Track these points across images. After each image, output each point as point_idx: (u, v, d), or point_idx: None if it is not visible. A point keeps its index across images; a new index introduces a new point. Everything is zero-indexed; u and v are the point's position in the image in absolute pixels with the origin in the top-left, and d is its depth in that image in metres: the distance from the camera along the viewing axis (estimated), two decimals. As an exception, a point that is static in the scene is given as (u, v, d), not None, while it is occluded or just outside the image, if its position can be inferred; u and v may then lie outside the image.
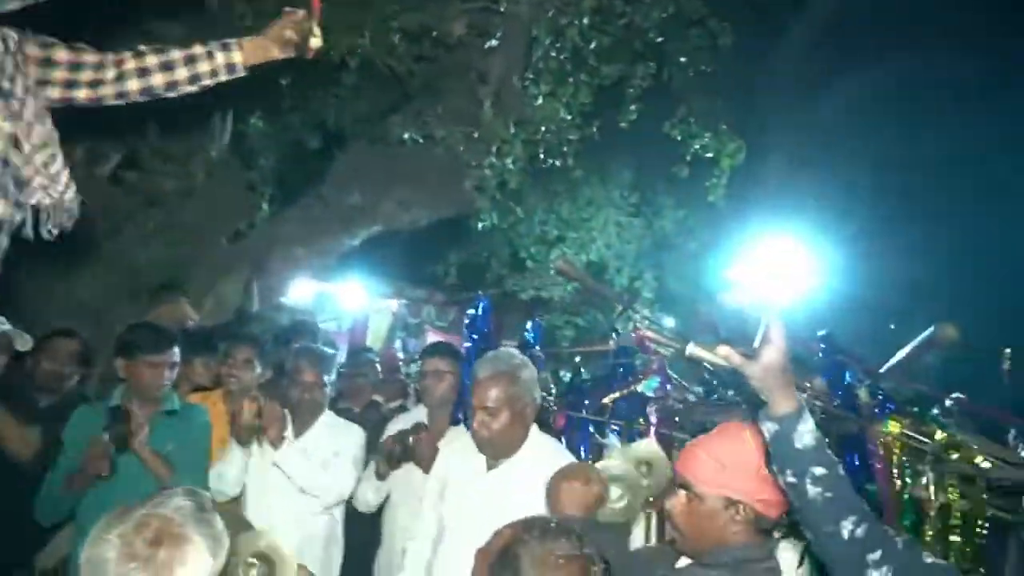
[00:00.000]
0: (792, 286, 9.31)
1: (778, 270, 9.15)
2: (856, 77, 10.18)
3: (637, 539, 2.42)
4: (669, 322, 11.31)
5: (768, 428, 1.44)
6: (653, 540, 2.46)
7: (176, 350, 2.87)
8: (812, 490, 1.39)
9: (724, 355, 1.44)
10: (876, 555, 1.37)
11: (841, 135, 10.42)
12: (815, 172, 10.65)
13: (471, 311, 3.31)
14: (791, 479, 1.42)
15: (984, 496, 2.03)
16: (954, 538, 2.11)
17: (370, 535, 3.09)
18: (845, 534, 1.38)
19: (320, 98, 4.71)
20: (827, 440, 2.46)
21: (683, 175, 7.18)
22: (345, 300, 10.24)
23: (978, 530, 2.08)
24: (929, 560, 1.42)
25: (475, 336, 3.11)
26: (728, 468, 1.63)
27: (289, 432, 2.86)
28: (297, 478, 2.78)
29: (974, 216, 10.94)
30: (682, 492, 1.69)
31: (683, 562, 1.76)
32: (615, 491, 2.11)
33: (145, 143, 4.29)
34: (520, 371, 2.35)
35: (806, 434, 1.40)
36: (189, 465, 2.80)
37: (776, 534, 1.71)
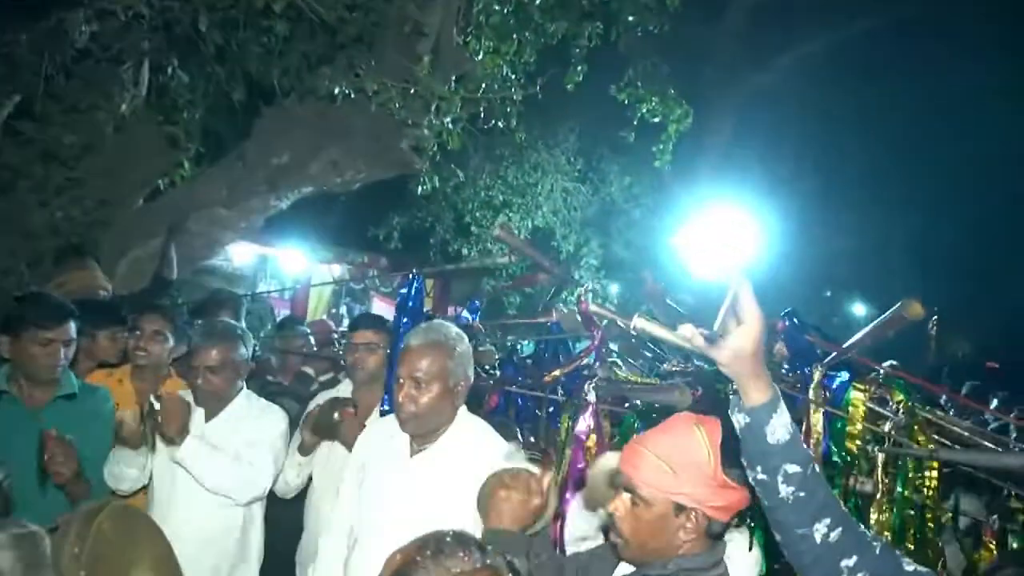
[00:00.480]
0: (737, 253, 9.40)
1: (724, 237, 9.22)
2: (803, 44, 10.20)
3: None
4: (614, 288, 11.36)
5: (739, 419, 1.30)
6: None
7: (71, 325, 2.53)
8: (784, 489, 1.26)
9: (688, 337, 1.27)
10: (851, 561, 1.27)
11: (788, 102, 10.46)
12: (761, 139, 10.70)
13: (403, 290, 3.10)
14: (761, 476, 1.29)
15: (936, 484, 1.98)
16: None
17: (295, 517, 2.85)
18: (818, 537, 1.27)
19: (246, 47, 4.35)
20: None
21: (630, 140, 7.07)
22: (287, 265, 9.90)
23: (931, 525, 2.03)
24: (910, 568, 1.30)
25: (406, 319, 2.89)
26: (679, 472, 1.47)
27: (199, 417, 2.58)
28: (204, 478, 2.47)
29: (911, 187, 11.18)
30: (626, 495, 1.53)
31: (624, 569, 1.62)
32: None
33: (44, 90, 3.87)
34: (456, 344, 2.15)
35: (779, 428, 1.26)
36: (90, 460, 2.51)
37: (726, 535, 1.57)
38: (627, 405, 2.78)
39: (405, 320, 2.90)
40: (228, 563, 2.54)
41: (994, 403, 5.29)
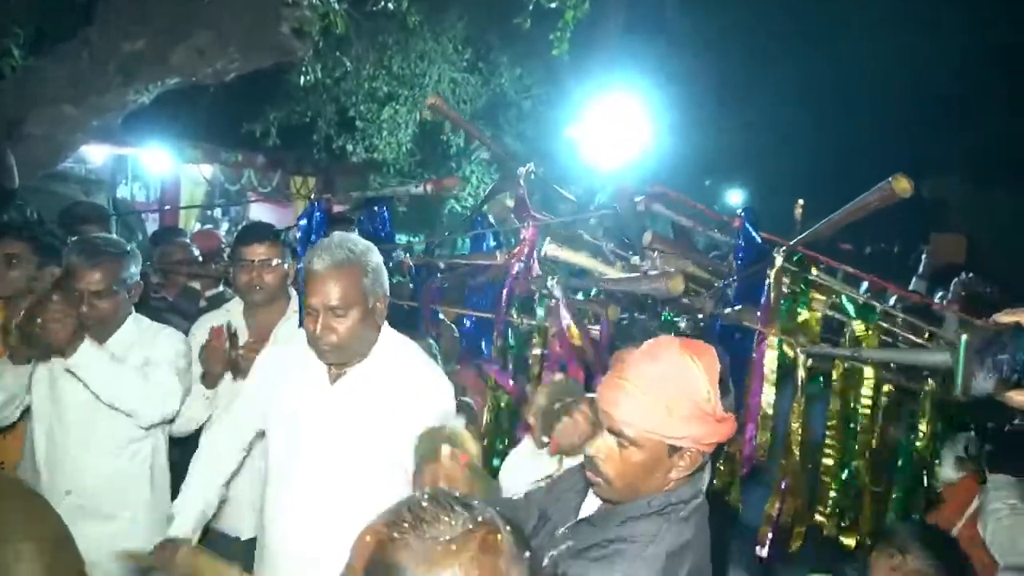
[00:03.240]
0: (627, 143, 9.44)
1: (615, 127, 9.20)
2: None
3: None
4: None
5: None
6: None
7: None
8: None
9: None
10: None
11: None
12: (654, 27, 10.55)
13: (303, 221, 2.77)
14: None
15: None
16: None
17: None
18: None
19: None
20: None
21: (524, 27, 6.70)
22: (150, 166, 8.99)
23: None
24: None
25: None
26: (674, 411, 1.32)
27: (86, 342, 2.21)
28: (102, 389, 2.13)
29: (796, 69, 11.44)
30: (611, 437, 1.38)
31: (593, 501, 1.49)
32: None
33: None
34: (367, 259, 1.92)
35: None
36: None
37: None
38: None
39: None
40: (138, 508, 2.30)
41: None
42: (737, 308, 2.39)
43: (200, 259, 3.90)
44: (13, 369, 2.21)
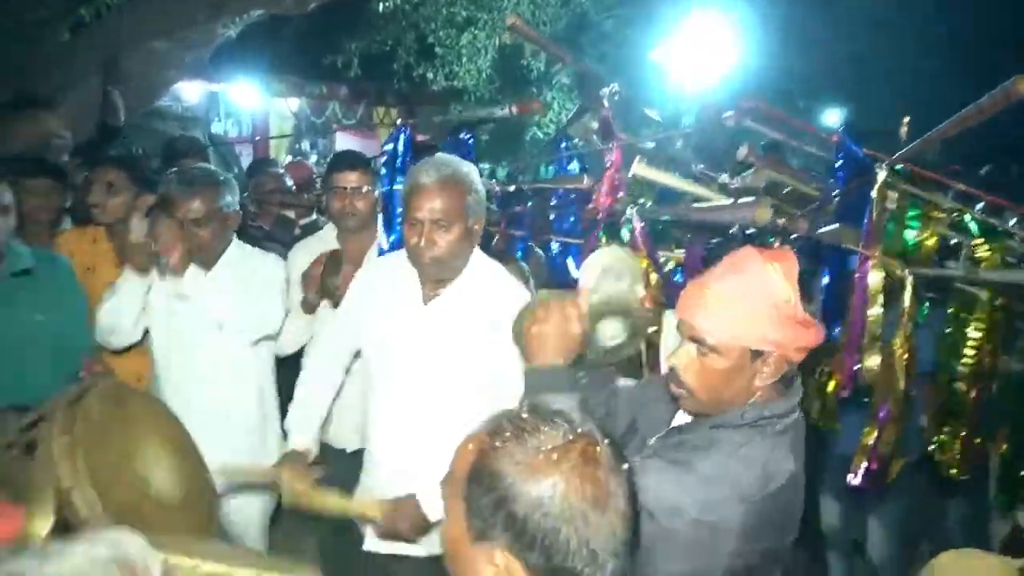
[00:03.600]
0: (714, 65, 8.97)
1: (702, 48, 8.74)
2: None
3: None
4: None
5: None
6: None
7: (6, 192, 2.20)
8: None
9: None
10: None
11: None
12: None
13: (388, 145, 2.77)
14: None
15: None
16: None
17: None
18: None
19: None
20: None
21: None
22: (240, 101, 9.26)
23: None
24: None
25: (398, 175, 2.62)
26: (754, 315, 1.30)
27: (196, 272, 2.35)
28: (212, 307, 2.29)
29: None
30: (691, 345, 1.36)
31: (685, 416, 1.48)
32: (610, 325, 1.72)
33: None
34: (472, 179, 1.95)
35: None
36: (67, 334, 2.32)
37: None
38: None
39: (397, 179, 2.65)
40: (248, 428, 2.43)
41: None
42: (835, 227, 2.28)
43: (293, 189, 4.01)
44: (134, 284, 2.32)
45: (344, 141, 9.87)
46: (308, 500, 1.84)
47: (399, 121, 2.83)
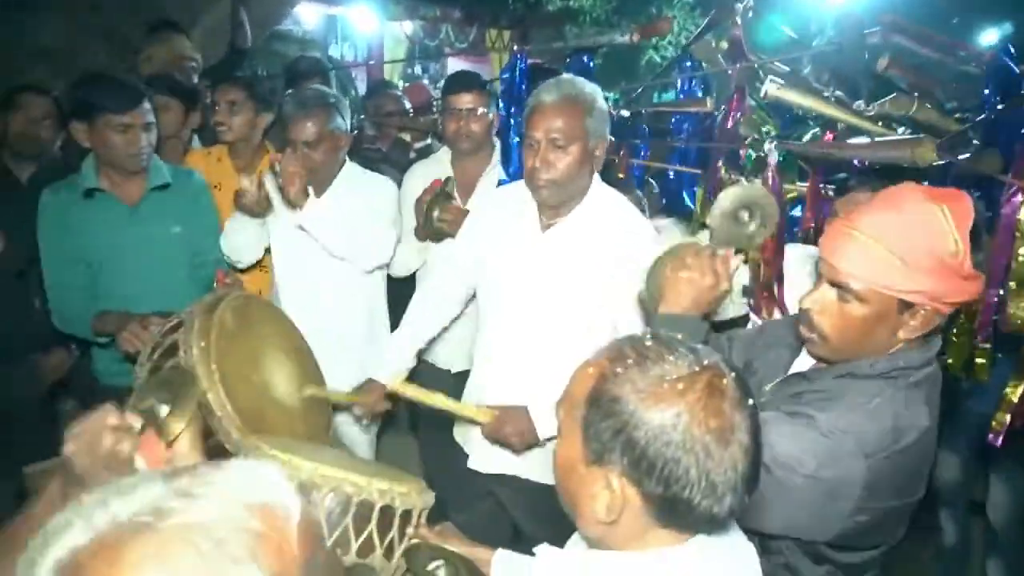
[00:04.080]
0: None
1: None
2: None
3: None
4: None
5: None
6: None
7: (146, 106, 2.32)
8: None
9: None
10: None
11: None
12: None
13: (505, 74, 2.70)
14: None
15: None
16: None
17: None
18: None
19: None
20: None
21: None
22: (357, 25, 9.36)
23: None
24: None
25: (513, 106, 2.55)
26: (913, 266, 1.16)
27: (310, 196, 2.42)
28: (328, 242, 2.38)
29: None
30: (830, 289, 1.25)
31: (808, 360, 1.39)
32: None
33: None
34: (595, 100, 1.87)
35: None
36: (199, 247, 2.47)
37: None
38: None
39: (513, 109, 2.60)
40: (359, 343, 2.52)
41: None
42: (976, 154, 2.03)
43: (411, 112, 4.03)
44: (246, 223, 2.44)
45: (456, 65, 9.84)
46: (417, 394, 1.87)
47: (514, 47, 2.74)
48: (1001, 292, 1.94)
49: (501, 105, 2.73)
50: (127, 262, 2.35)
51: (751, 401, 0.91)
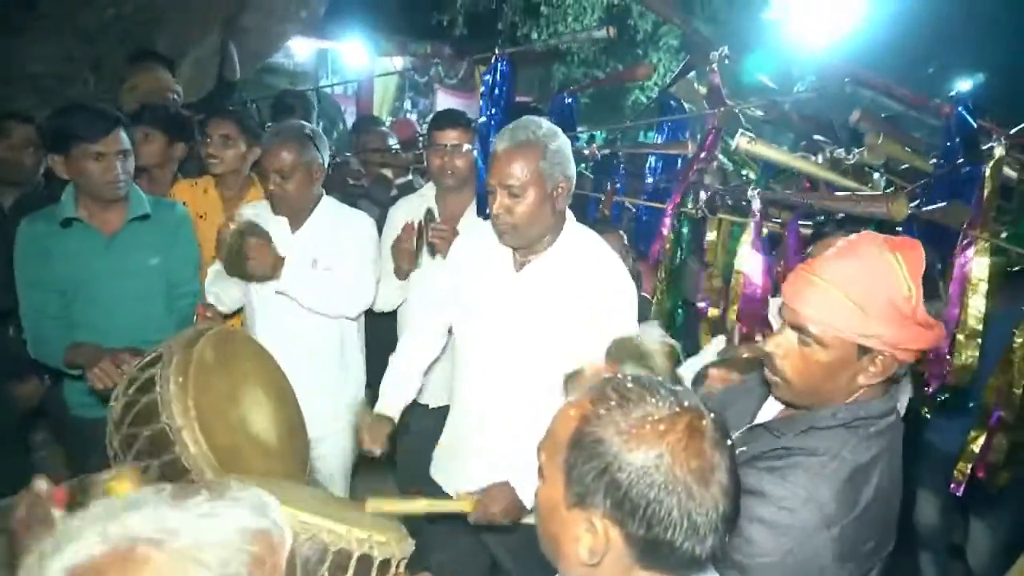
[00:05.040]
0: (834, 26, 8.43)
1: (819, 8, 8.22)
2: None
3: None
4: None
5: None
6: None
7: (122, 134, 2.30)
8: None
9: None
10: None
11: None
12: None
13: (487, 76, 2.74)
14: None
15: None
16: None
17: (391, 334, 2.70)
18: None
19: None
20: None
21: None
22: (349, 59, 9.47)
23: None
24: None
25: (494, 108, 2.57)
26: (870, 310, 1.18)
27: (284, 228, 2.44)
28: (305, 298, 2.38)
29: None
30: (792, 333, 1.27)
31: (774, 407, 1.40)
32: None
33: None
34: (548, 142, 1.88)
35: None
36: (179, 280, 2.46)
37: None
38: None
39: (493, 110, 2.61)
40: (331, 377, 2.52)
41: None
42: (941, 205, 2.08)
43: (397, 148, 4.05)
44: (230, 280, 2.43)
45: (445, 100, 9.95)
46: (396, 506, 1.77)
47: (496, 51, 2.76)
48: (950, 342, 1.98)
49: (482, 107, 2.74)
50: (102, 292, 2.33)
51: (730, 441, 0.92)
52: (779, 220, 2.55)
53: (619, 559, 0.91)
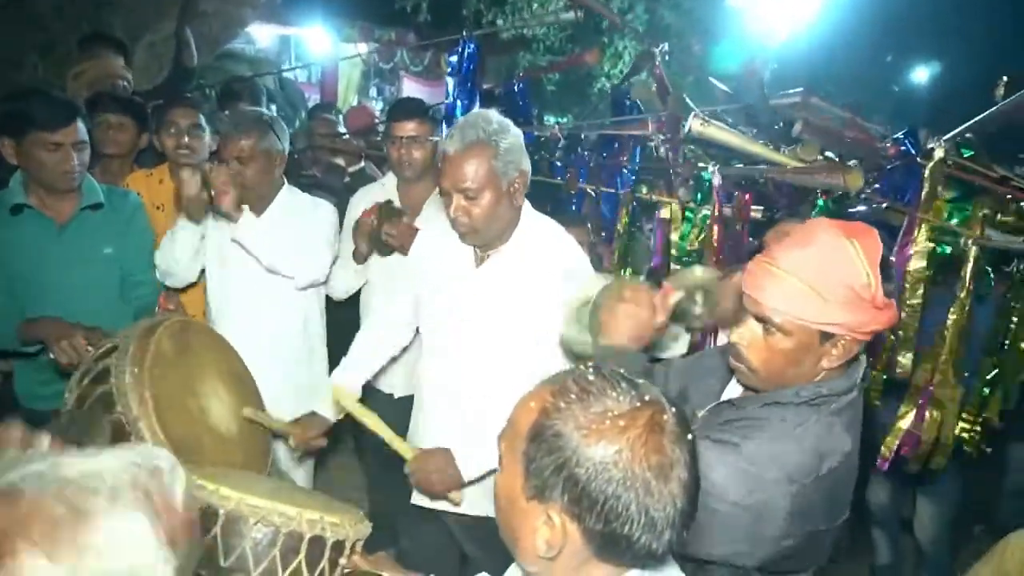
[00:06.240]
0: (797, 12, 8.54)
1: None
2: None
3: None
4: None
5: None
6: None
7: (80, 125, 2.24)
8: None
9: None
10: None
11: None
12: None
13: (453, 58, 2.73)
14: None
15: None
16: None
17: (353, 317, 2.73)
18: None
19: None
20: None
21: None
22: (312, 46, 9.32)
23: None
24: None
25: (460, 90, 2.57)
26: (829, 298, 1.21)
27: (247, 215, 2.38)
28: (262, 255, 2.34)
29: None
30: (755, 324, 1.29)
31: (736, 388, 1.43)
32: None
33: None
34: (500, 138, 1.86)
35: None
36: (131, 269, 2.40)
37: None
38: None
39: (458, 91, 2.61)
40: (294, 360, 2.50)
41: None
42: (884, 206, 2.15)
43: (345, 135, 3.98)
44: (187, 231, 2.38)
45: (411, 88, 9.87)
46: (356, 411, 1.90)
47: (463, 33, 2.76)
48: (892, 338, 2.05)
49: (451, 89, 2.74)
50: (52, 280, 2.27)
51: (690, 436, 0.92)
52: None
53: (576, 552, 0.91)
